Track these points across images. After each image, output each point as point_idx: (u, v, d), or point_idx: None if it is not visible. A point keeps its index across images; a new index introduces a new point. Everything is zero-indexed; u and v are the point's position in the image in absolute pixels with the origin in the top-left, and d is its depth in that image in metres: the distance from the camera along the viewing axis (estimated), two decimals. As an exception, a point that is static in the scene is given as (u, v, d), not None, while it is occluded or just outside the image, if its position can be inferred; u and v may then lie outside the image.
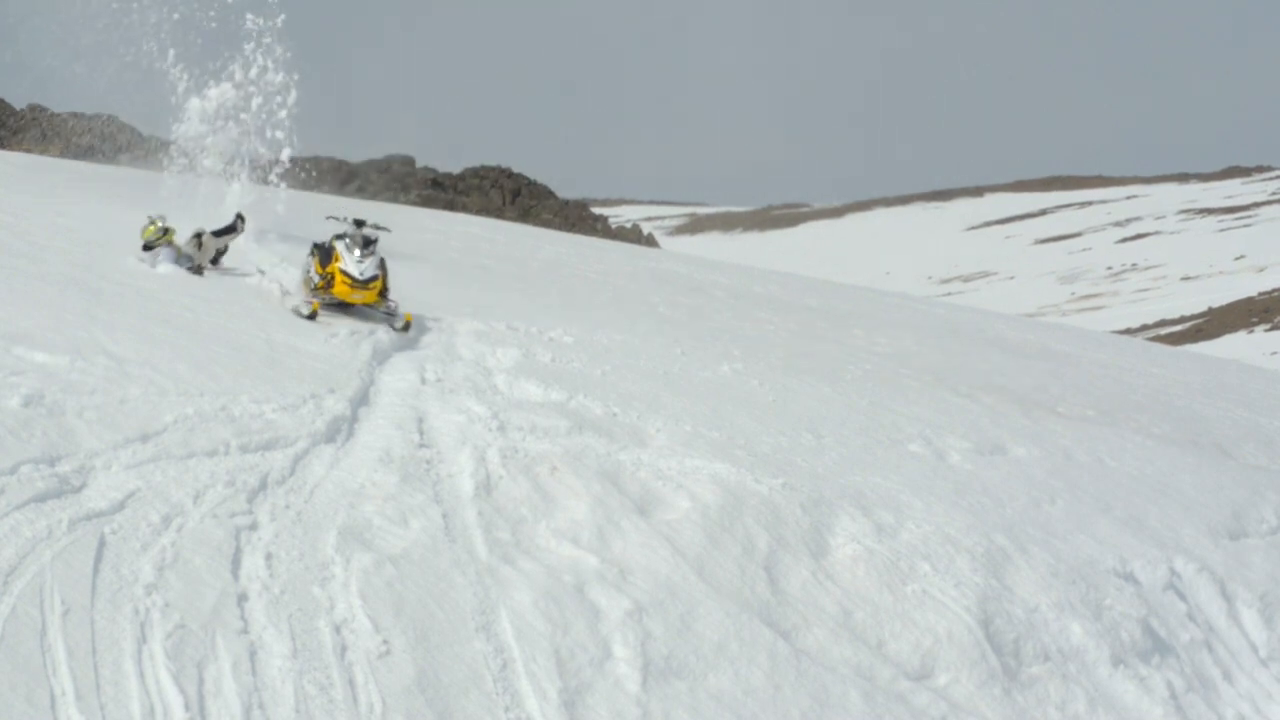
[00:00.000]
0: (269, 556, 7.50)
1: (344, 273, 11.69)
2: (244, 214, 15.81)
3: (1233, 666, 10.61)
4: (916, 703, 8.51)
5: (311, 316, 11.64)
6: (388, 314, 12.01)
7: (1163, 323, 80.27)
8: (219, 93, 17.52)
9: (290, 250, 17.04)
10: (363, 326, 13.75)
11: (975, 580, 9.89)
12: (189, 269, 14.77)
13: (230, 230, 15.56)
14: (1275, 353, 58.91)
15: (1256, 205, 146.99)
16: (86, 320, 11.22)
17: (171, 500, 7.81)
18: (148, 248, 14.91)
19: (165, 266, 14.70)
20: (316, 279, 11.89)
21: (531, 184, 74.95)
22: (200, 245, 15.11)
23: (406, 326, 11.95)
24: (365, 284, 11.45)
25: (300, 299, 12.41)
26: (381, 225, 12.71)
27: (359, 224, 12.18)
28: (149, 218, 15.18)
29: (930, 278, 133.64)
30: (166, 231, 14.98)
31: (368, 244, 11.95)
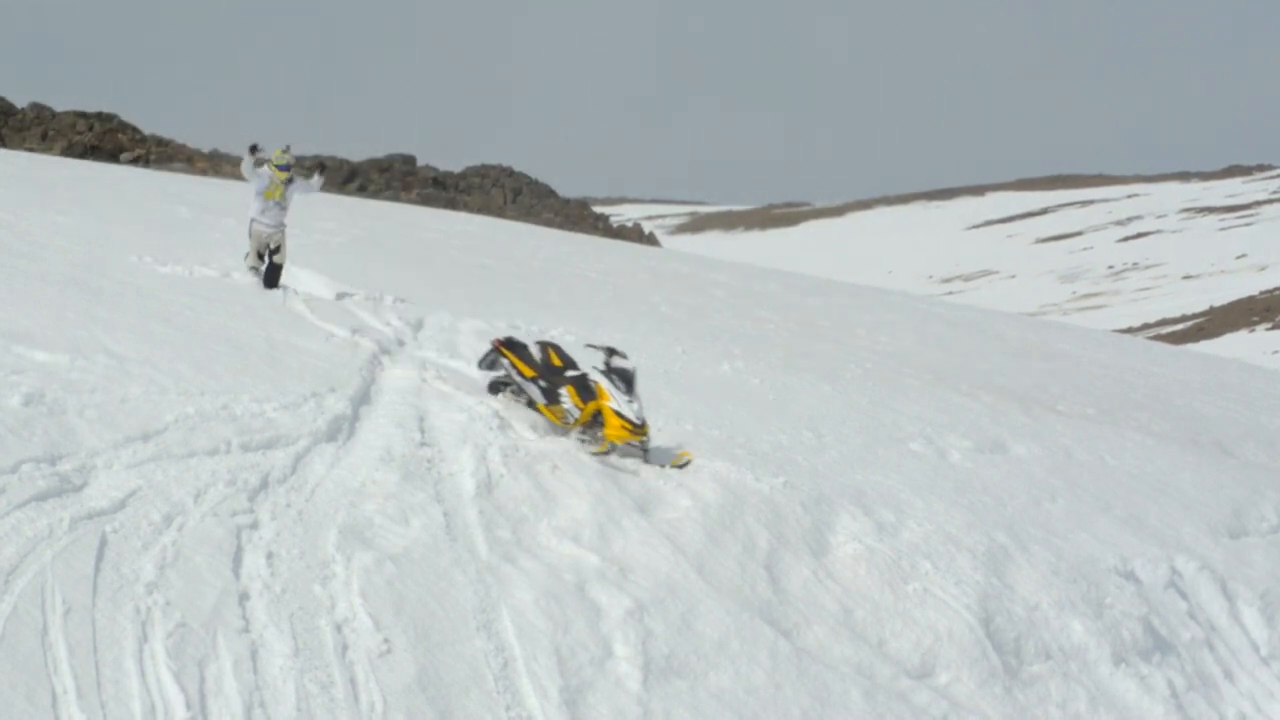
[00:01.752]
0: (270, 555, 7.49)
1: (619, 415, 10.03)
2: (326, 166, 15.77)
3: (1234, 665, 10.61)
4: (917, 701, 8.51)
5: (605, 452, 9.99)
6: (642, 448, 10.36)
7: (1164, 321, 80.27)
8: None
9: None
10: (366, 327, 13.77)
11: (976, 578, 9.89)
12: (263, 212, 14.81)
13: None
14: (1276, 351, 58.89)
15: (1258, 204, 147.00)
16: (87, 319, 11.21)
17: (172, 499, 7.80)
18: (259, 162, 14.86)
19: (256, 181, 14.75)
20: (575, 412, 10.31)
21: (533, 183, 74.97)
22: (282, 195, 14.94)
23: (684, 465, 10.27)
24: (641, 428, 10.27)
25: (555, 427, 10.59)
26: (625, 353, 10.77)
27: (611, 352, 10.62)
28: (285, 150, 15.01)
29: (931, 276, 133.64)
30: (286, 169, 14.78)
31: (631, 380, 10.33)
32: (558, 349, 11.00)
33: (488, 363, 11.33)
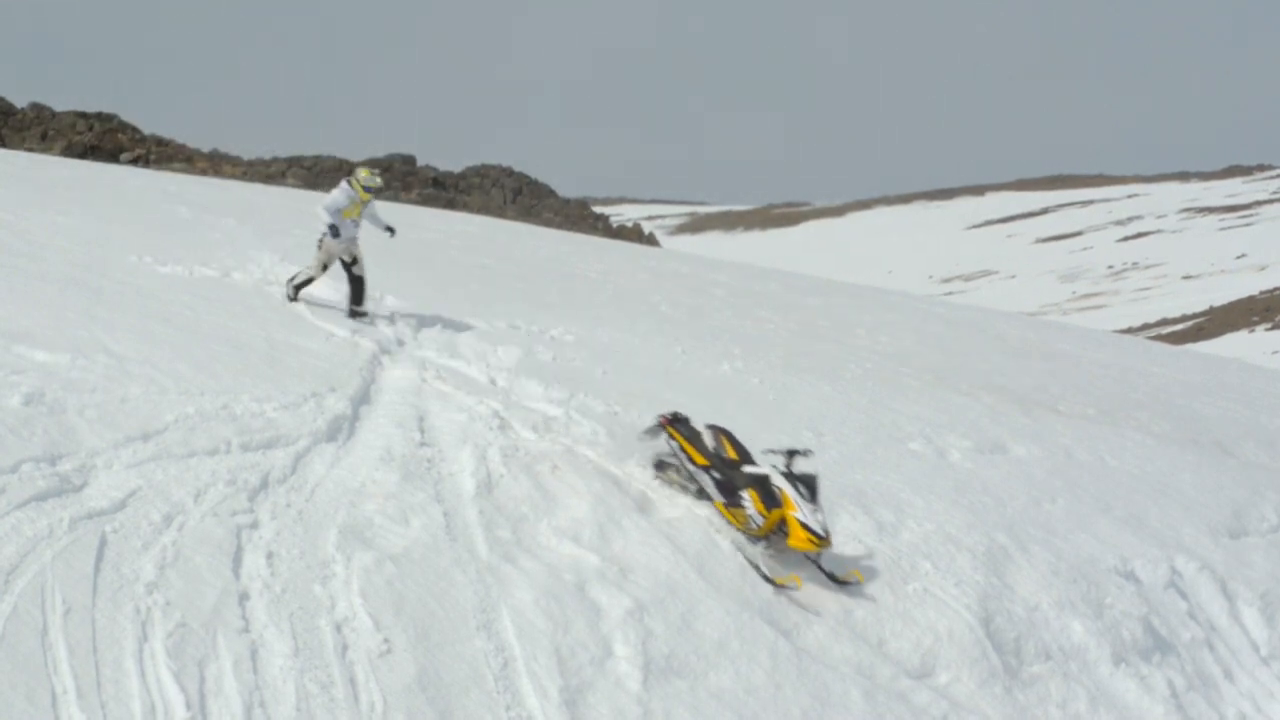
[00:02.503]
0: (270, 555, 7.50)
1: (804, 526, 9.23)
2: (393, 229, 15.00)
3: (1234, 665, 10.60)
4: (917, 701, 8.51)
5: (787, 585, 9.18)
6: (813, 558, 9.63)
7: (1164, 321, 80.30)
8: None
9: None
10: (365, 327, 13.76)
11: (976, 579, 9.89)
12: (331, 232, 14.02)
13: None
14: (1276, 351, 58.88)
15: (1258, 204, 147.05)
16: (87, 319, 11.21)
17: (172, 499, 7.81)
18: (349, 182, 14.20)
19: (334, 198, 14.06)
20: (758, 520, 9.40)
21: (533, 183, 74.91)
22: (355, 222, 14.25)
23: (850, 583, 9.55)
24: (825, 539, 9.13)
25: (743, 538, 9.55)
26: (807, 451, 9.96)
27: (792, 453, 9.81)
28: (374, 171, 14.47)
29: (931, 276, 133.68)
30: (370, 191, 14.16)
31: (814, 487, 9.52)
32: (731, 437, 10.15)
33: (651, 433, 10.46)
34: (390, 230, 14.87)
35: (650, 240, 70.55)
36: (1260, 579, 11.74)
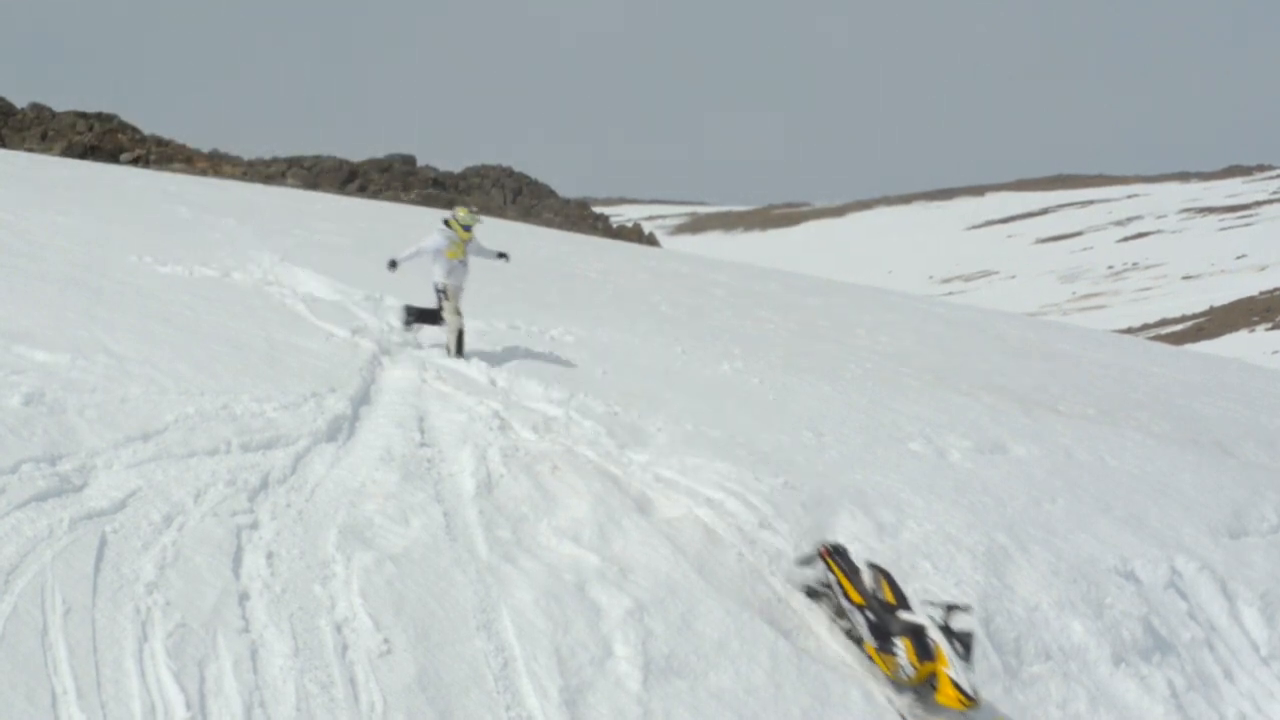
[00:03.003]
0: (270, 555, 7.49)
1: (955, 685, 8.70)
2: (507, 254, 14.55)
3: (1234, 665, 10.61)
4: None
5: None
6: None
7: (1164, 322, 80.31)
8: None
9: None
10: (365, 327, 13.75)
11: (976, 579, 9.89)
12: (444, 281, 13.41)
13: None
14: (1276, 351, 58.89)
15: (1258, 204, 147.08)
16: (87, 319, 11.21)
17: (172, 499, 7.80)
18: (446, 223, 13.64)
19: (433, 239, 13.44)
20: (909, 670, 8.92)
21: (533, 183, 74.87)
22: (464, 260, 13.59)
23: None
24: (976, 700, 8.59)
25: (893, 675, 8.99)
26: (967, 606, 9.19)
27: (951, 608, 9.12)
28: (471, 209, 13.96)
29: (932, 277, 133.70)
30: (469, 229, 13.61)
31: (970, 645, 8.91)
32: (890, 579, 9.51)
33: (806, 561, 9.89)
34: (504, 256, 14.36)
35: (650, 240, 70.50)
36: (1260, 579, 11.75)
